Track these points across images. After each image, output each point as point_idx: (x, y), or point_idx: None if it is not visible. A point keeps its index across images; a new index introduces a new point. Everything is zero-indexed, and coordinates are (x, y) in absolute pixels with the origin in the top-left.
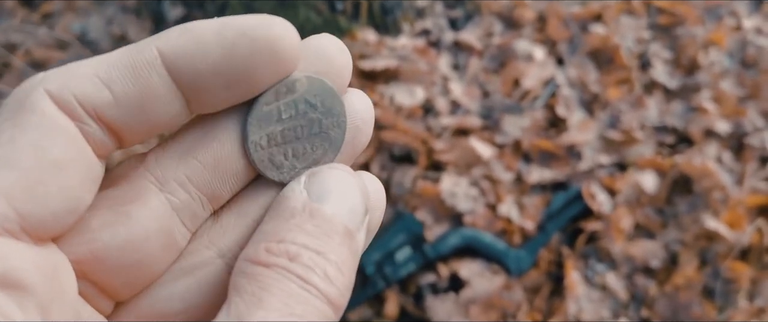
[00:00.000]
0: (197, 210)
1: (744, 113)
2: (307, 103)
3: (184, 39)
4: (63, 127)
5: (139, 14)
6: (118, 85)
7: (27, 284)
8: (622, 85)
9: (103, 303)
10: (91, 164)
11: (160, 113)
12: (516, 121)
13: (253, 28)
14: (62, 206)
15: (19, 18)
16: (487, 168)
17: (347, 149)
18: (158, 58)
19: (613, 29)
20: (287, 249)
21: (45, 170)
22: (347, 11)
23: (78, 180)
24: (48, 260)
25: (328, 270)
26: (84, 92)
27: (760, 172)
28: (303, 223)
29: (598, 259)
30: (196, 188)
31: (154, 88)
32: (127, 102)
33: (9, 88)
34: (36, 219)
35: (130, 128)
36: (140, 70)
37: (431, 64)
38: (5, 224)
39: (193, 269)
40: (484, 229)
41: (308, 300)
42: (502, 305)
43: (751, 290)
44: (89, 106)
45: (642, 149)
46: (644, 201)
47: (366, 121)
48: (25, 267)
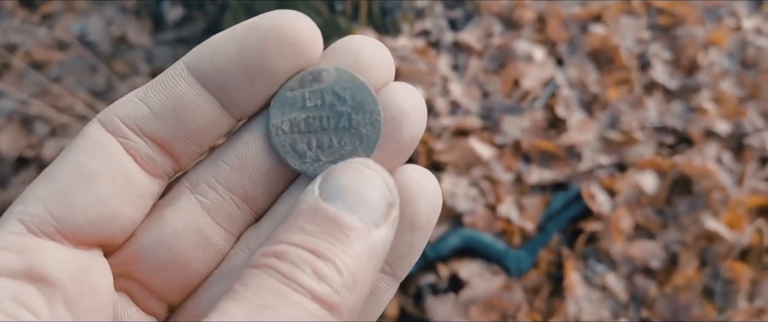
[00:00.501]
0: (231, 211)
1: (744, 114)
2: (335, 95)
3: (203, 46)
4: (102, 145)
5: (138, 15)
6: (153, 99)
7: (53, 279)
8: (622, 85)
9: (155, 305)
10: (134, 180)
11: (198, 119)
12: (516, 122)
13: (260, 20)
14: (96, 214)
15: (19, 19)
16: (486, 168)
17: (387, 144)
18: (184, 69)
19: (612, 30)
20: (277, 249)
21: (78, 181)
22: (347, 12)
23: (114, 191)
24: (80, 261)
25: (319, 268)
26: (124, 111)
27: (760, 172)
28: (304, 223)
29: (597, 259)
30: (225, 189)
31: (184, 94)
32: (162, 112)
33: (10, 88)
34: (70, 224)
35: (174, 138)
36: (169, 81)
37: (431, 64)
38: (41, 226)
39: (230, 272)
40: (483, 229)
41: (288, 295)
42: (502, 305)
43: (751, 290)
44: (130, 122)
45: (642, 150)
46: (644, 202)
47: (407, 114)
48: (50, 263)
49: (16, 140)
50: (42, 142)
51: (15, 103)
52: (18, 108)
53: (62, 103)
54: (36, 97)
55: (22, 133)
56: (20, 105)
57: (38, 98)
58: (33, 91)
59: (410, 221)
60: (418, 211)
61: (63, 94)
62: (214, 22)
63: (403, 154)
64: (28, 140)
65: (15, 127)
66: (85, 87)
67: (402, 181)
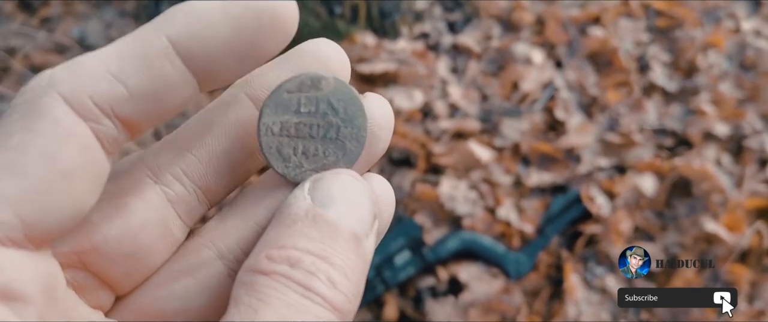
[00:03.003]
0: (192, 203)
1: (743, 116)
2: (329, 105)
3: (193, 23)
4: (75, 134)
5: (137, 18)
6: (133, 79)
7: (26, 294)
8: (621, 87)
9: (103, 296)
10: (100, 167)
11: (174, 100)
12: (515, 125)
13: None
14: (68, 213)
15: (18, 22)
16: (486, 171)
17: (364, 156)
18: (170, 47)
19: (611, 32)
20: (288, 255)
21: (53, 179)
22: (346, 15)
23: (87, 186)
24: (45, 269)
25: (332, 275)
26: (99, 91)
27: (760, 174)
28: (306, 228)
29: (597, 262)
30: (190, 182)
31: (169, 77)
32: (142, 95)
33: (9, 91)
34: (41, 228)
35: (145, 119)
36: (153, 61)
37: (430, 67)
38: (9, 232)
39: (192, 269)
40: (483, 232)
41: (309, 308)
42: (502, 308)
43: (750, 292)
44: (105, 105)
45: (641, 152)
46: (643, 204)
47: (383, 128)
48: (24, 278)
49: None
50: None
51: None
52: None
53: None
54: None
55: None
56: None
57: None
58: None
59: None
60: (383, 219)
61: None
62: None
63: (371, 164)
64: None
65: None
66: None
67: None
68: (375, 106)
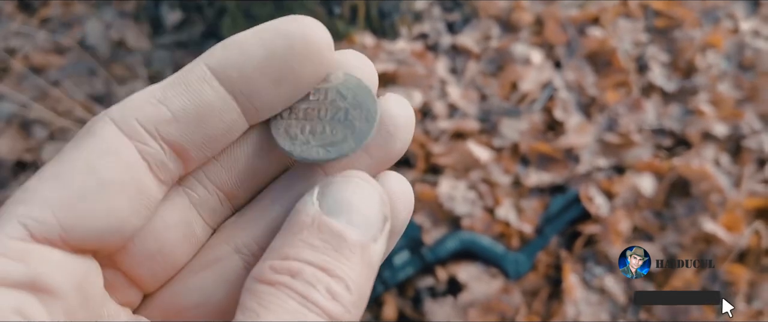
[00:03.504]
0: (215, 206)
1: (742, 116)
2: (338, 93)
3: (229, 50)
4: (118, 151)
5: (137, 19)
6: (175, 101)
7: (56, 289)
8: (620, 88)
9: (132, 294)
10: (145, 189)
11: (217, 124)
12: (514, 125)
13: (286, 25)
14: (105, 226)
15: (18, 22)
16: (485, 171)
17: (380, 154)
18: (209, 72)
19: (610, 32)
20: (290, 266)
21: (91, 189)
22: (345, 15)
23: (126, 203)
24: (81, 269)
25: (332, 287)
26: (144, 113)
27: (758, 174)
28: (310, 238)
29: (596, 262)
30: (213, 185)
31: (209, 99)
32: (185, 116)
33: (9, 91)
34: (78, 234)
35: (192, 143)
36: (193, 84)
37: (429, 67)
38: (46, 233)
39: (210, 263)
40: (482, 232)
41: (307, 317)
42: (501, 308)
43: (749, 292)
44: (150, 126)
45: (640, 152)
46: (642, 204)
47: (400, 127)
48: (56, 274)
49: (14, 144)
50: (41, 145)
51: (14, 107)
52: (17, 112)
53: (61, 106)
54: (35, 101)
55: (20, 136)
56: (19, 109)
57: (37, 102)
58: (32, 94)
59: (392, 227)
60: (399, 217)
61: (62, 98)
62: (213, 25)
63: (390, 164)
64: (27, 144)
65: (14, 130)
66: (84, 91)
67: (386, 189)
68: (393, 104)
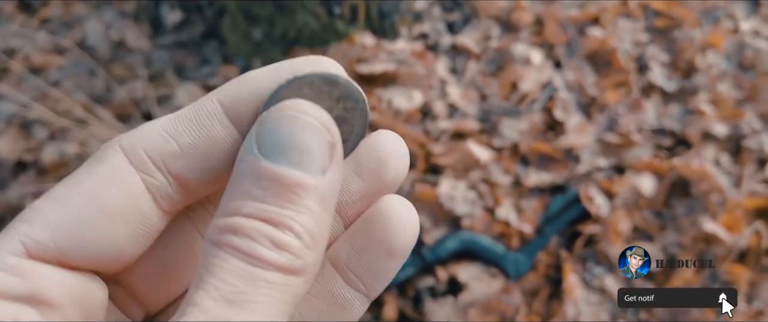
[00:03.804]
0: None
1: (742, 116)
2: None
3: (242, 86)
4: (124, 180)
5: (137, 19)
6: (184, 136)
7: (53, 302)
8: (620, 88)
9: (135, 311)
10: (146, 219)
11: (224, 159)
12: (514, 125)
13: (301, 64)
14: (102, 253)
15: (18, 23)
16: (485, 171)
17: (372, 183)
18: (219, 108)
19: (610, 32)
20: (232, 223)
21: (92, 215)
22: (345, 15)
23: (124, 232)
24: (79, 284)
25: (277, 237)
26: (152, 145)
27: (758, 174)
28: (251, 188)
29: (596, 262)
30: (215, 207)
31: (217, 135)
32: (192, 152)
33: (9, 91)
34: (73, 257)
35: (196, 177)
36: (203, 120)
37: (429, 67)
38: (43, 253)
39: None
40: (482, 232)
41: (256, 275)
42: (501, 308)
43: (749, 292)
44: (157, 158)
45: (640, 152)
46: (642, 204)
47: (391, 155)
48: (53, 288)
49: (15, 144)
50: (41, 146)
51: (14, 107)
52: (17, 112)
53: (61, 107)
54: (35, 101)
55: (21, 137)
56: (19, 109)
57: (37, 102)
58: (32, 95)
59: (389, 249)
60: (398, 241)
61: (62, 98)
62: (213, 25)
63: (386, 192)
64: (27, 144)
65: (14, 131)
66: (84, 91)
67: (383, 211)
68: (382, 136)
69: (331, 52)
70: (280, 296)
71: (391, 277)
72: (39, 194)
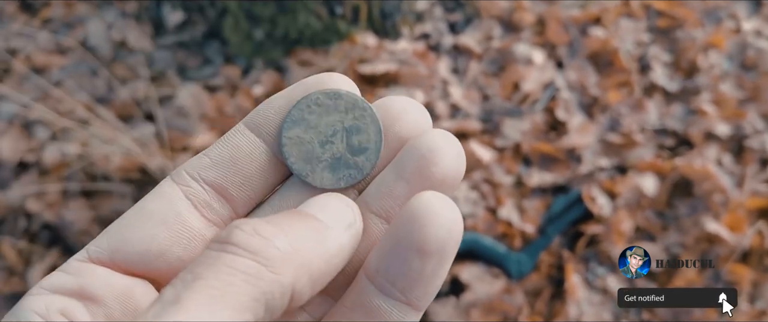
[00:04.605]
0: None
1: (744, 116)
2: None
3: (263, 107)
4: (165, 192)
5: (138, 19)
6: (214, 151)
7: (97, 297)
8: (622, 88)
9: None
10: (186, 222)
11: (250, 164)
12: (516, 125)
13: (314, 81)
14: (146, 250)
15: (20, 23)
16: (487, 172)
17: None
18: (241, 124)
19: (612, 32)
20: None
21: (136, 218)
22: (346, 15)
23: (165, 232)
24: (126, 285)
25: (260, 227)
26: (191, 164)
27: (761, 174)
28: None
29: (598, 262)
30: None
31: (239, 144)
32: (221, 160)
33: (11, 92)
34: (122, 256)
35: (231, 183)
36: (229, 136)
37: (431, 67)
38: (100, 256)
39: None
40: (484, 232)
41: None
42: (503, 308)
43: (752, 292)
44: (192, 171)
45: (642, 152)
46: (644, 204)
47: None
48: (100, 286)
49: (16, 144)
50: (43, 146)
51: (16, 107)
52: (19, 112)
53: (63, 107)
54: (37, 102)
55: (22, 137)
56: (21, 109)
57: (39, 102)
58: (34, 95)
59: (418, 246)
60: (427, 236)
61: (64, 99)
62: (214, 26)
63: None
64: (29, 144)
65: (16, 131)
66: (85, 91)
67: (413, 205)
68: (432, 135)
69: (333, 52)
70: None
71: (433, 281)
72: (41, 194)
